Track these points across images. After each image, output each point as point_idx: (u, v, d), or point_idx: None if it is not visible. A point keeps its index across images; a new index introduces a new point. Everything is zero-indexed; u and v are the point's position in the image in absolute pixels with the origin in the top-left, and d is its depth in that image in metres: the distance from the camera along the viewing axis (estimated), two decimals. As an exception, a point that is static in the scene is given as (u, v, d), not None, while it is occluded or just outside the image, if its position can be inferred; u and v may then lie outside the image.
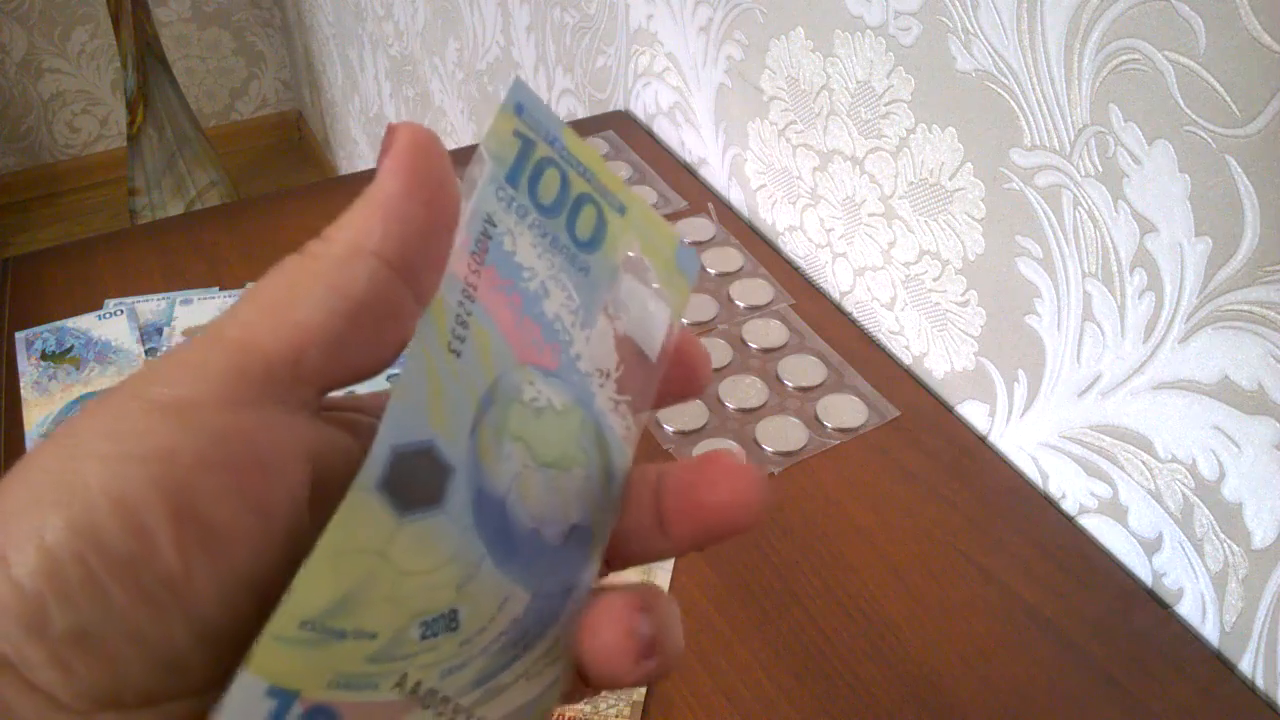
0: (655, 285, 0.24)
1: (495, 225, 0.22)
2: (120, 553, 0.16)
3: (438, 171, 0.20)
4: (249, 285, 0.20)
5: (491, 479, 0.20)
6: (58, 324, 0.66)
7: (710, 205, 0.75)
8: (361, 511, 0.18)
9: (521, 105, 0.22)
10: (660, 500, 0.22)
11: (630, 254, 0.24)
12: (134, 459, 0.17)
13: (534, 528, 0.21)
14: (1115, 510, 0.53)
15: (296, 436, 0.18)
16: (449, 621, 0.19)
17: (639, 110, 0.88)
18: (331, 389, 0.19)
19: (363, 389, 0.22)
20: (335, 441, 0.20)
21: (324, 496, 0.19)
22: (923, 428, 0.59)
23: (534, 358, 0.22)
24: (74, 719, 0.16)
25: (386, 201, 0.19)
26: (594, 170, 0.23)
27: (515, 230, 0.22)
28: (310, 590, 0.18)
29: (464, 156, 0.88)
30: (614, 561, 0.23)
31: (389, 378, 0.22)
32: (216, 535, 0.17)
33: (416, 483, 0.19)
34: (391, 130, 0.19)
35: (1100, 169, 0.47)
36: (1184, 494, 0.49)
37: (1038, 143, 0.50)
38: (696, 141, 0.81)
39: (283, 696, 0.17)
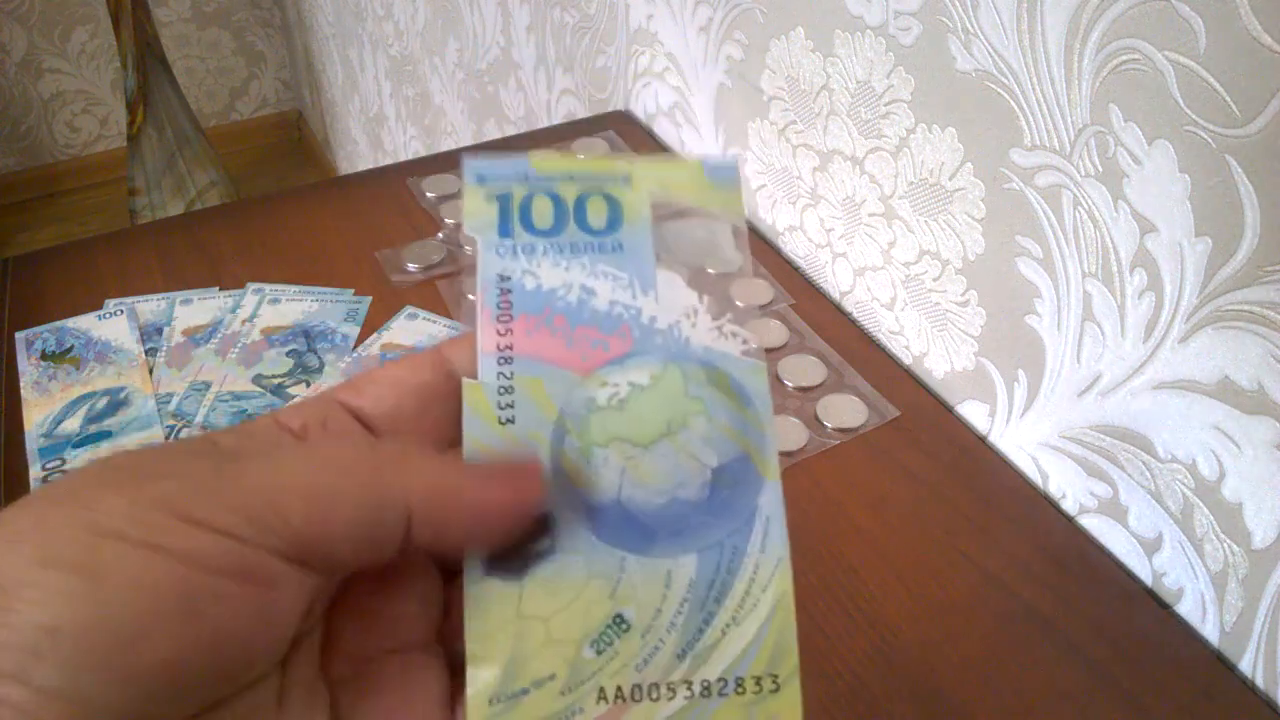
0: (696, 211, 0.25)
1: (509, 278, 0.24)
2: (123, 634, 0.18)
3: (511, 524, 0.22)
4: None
5: (595, 494, 0.22)
6: (58, 324, 0.66)
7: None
8: (483, 597, 0.22)
9: (480, 175, 0.24)
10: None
11: (655, 203, 0.24)
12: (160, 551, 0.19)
13: (665, 500, 0.23)
14: (1115, 510, 0.53)
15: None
16: (618, 627, 0.22)
17: (639, 110, 0.88)
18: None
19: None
20: None
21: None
22: (923, 428, 0.59)
23: (601, 358, 0.23)
24: None
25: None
26: (579, 171, 0.24)
27: (530, 268, 0.24)
28: (480, 676, 0.21)
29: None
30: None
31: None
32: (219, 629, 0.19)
33: (516, 548, 0.22)
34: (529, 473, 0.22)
35: (1100, 169, 0.47)
36: (1184, 494, 0.49)
37: (1038, 143, 0.50)
38: (696, 141, 0.81)
39: None
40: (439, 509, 0.21)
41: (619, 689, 0.22)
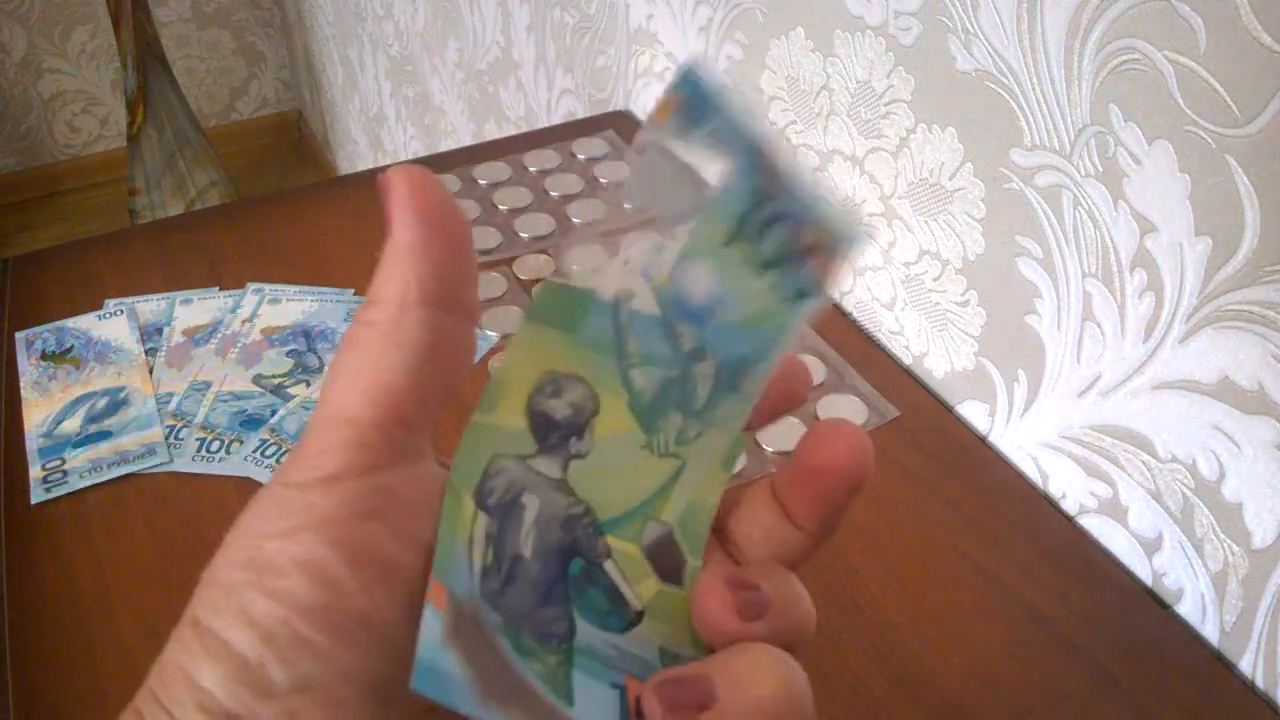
0: None
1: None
2: (315, 605, 0.19)
3: (438, 204, 0.21)
4: (328, 361, 0.23)
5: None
6: (58, 324, 0.66)
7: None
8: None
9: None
10: (778, 493, 0.23)
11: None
12: (306, 529, 0.20)
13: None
14: (1115, 510, 0.53)
15: (426, 475, 0.22)
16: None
17: (639, 110, 0.88)
18: (433, 421, 0.22)
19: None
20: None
21: None
22: (923, 428, 0.59)
23: None
24: None
25: (408, 251, 0.21)
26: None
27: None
28: None
29: (464, 157, 0.87)
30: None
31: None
32: (390, 567, 0.20)
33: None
34: (384, 180, 0.21)
35: (1100, 169, 0.47)
36: (1184, 494, 0.49)
37: (1038, 143, 0.50)
38: (696, 141, 0.81)
39: None
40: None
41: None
